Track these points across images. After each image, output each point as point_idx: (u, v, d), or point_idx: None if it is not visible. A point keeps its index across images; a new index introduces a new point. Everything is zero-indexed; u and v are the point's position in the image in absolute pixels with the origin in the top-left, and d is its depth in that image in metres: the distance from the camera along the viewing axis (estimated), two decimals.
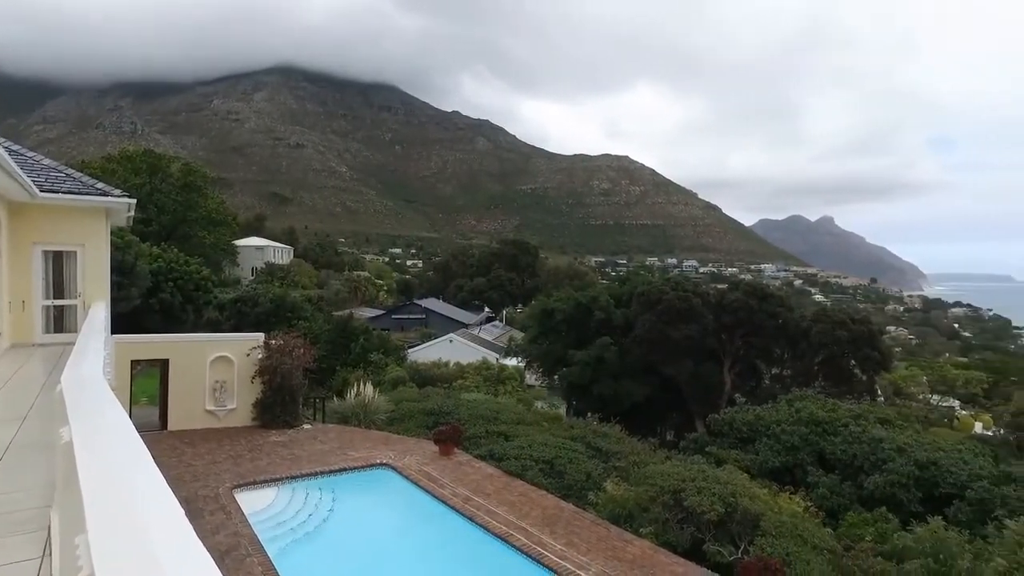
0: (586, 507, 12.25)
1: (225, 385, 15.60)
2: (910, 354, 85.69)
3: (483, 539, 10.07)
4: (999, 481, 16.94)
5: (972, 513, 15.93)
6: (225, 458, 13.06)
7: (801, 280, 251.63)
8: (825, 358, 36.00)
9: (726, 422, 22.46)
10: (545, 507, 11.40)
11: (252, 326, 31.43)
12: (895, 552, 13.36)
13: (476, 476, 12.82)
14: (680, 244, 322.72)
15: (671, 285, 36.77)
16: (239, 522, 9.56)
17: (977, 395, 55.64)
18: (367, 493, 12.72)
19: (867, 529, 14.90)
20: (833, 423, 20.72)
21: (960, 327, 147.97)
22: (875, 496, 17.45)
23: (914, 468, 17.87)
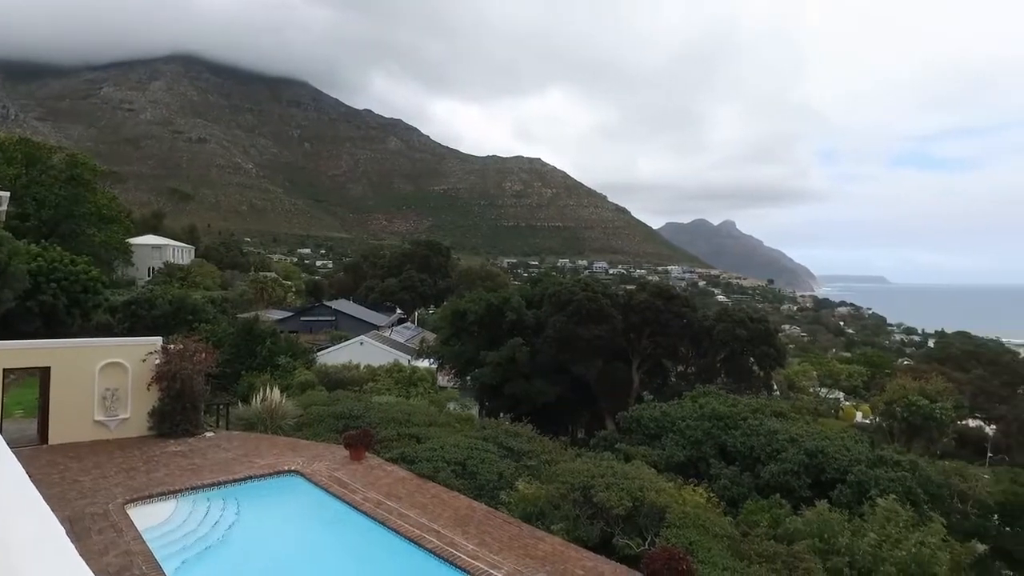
0: (498, 507, 12.33)
1: (117, 393, 14.62)
2: (802, 350, 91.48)
3: (395, 543, 9.96)
4: (874, 464, 18.39)
5: (852, 495, 17.22)
6: (116, 472, 12.24)
7: (705, 281, 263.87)
8: (727, 355, 37.88)
9: (634, 419, 23.19)
10: (457, 508, 11.40)
11: (149, 330, 29.63)
12: (787, 535, 14.26)
13: (388, 480, 12.65)
14: (590, 246, 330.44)
15: (581, 286, 37.61)
16: (132, 539, 8.98)
17: (858, 387, 60.21)
18: (274, 502, 12.28)
19: (763, 515, 15.80)
20: (734, 417, 21.81)
21: (844, 325, 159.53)
22: (771, 484, 18.52)
23: (804, 457, 19.11)
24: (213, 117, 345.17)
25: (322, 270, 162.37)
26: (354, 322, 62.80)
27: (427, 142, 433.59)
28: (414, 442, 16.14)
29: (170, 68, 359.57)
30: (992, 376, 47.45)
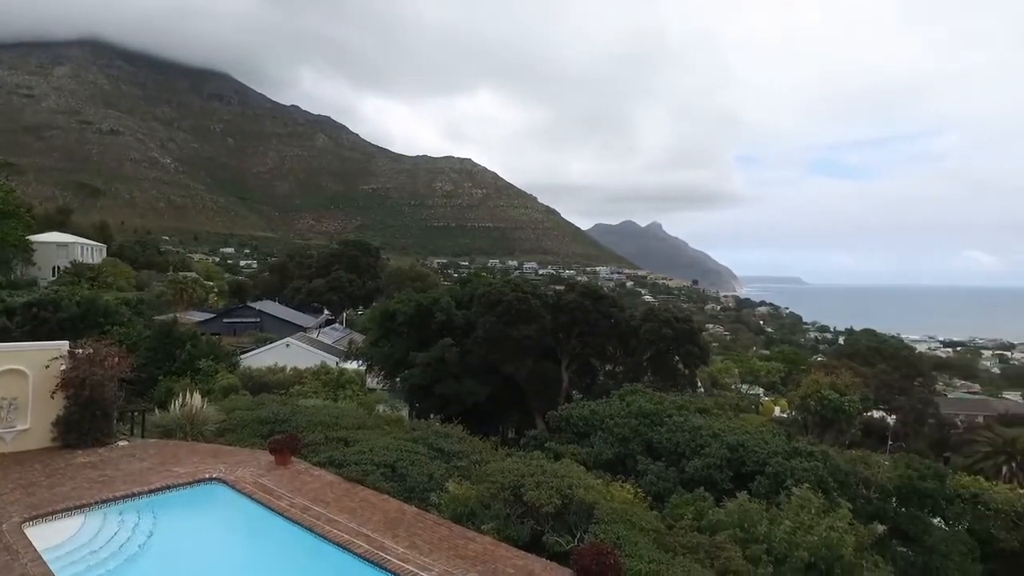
0: (429, 508, 12.27)
1: (15, 403, 13.63)
2: (725, 349, 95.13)
3: (323, 549, 9.75)
4: (790, 456, 19.34)
5: (769, 485, 18.05)
6: (13, 488, 11.39)
7: (632, 282, 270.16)
8: (653, 354, 38.91)
9: (564, 418, 23.51)
10: (387, 511, 11.27)
11: (54, 334, 27.79)
12: (710, 526, 14.82)
13: (315, 484, 12.37)
14: (521, 246, 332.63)
15: (511, 287, 37.83)
16: (30, 561, 8.36)
17: (776, 383, 63.20)
18: (194, 512, 11.79)
19: (688, 508, 16.34)
20: (660, 415, 22.44)
21: (764, 324, 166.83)
22: (695, 478, 19.17)
23: (726, 451, 19.87)
24: (127, 108, 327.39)
25: (246, 270, 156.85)
26: (280, 324, 60.99)
27: (356, 140, 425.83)
28: (342, 445, 15.83)
29: (76, 53, 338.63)
30: (893, 370, 50.74)
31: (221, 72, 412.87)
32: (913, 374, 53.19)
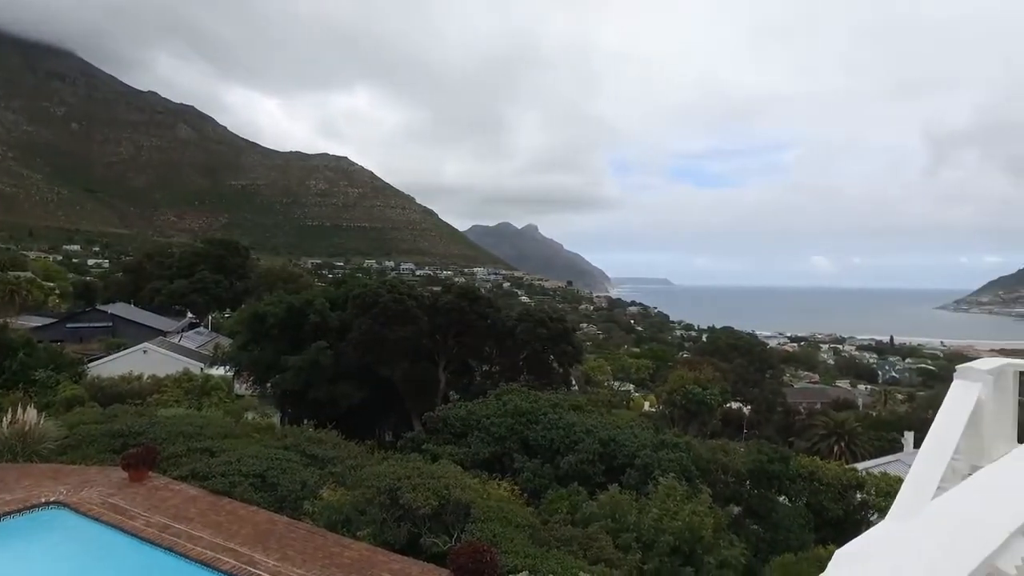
0: (302, 517, 11.80)
1: None
2: (598, 347, 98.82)
3: (185, 569, 9.10)
4: (657, 448, 20.48)
5: (639, 477, 19.01)
6: None
7: (509, 283, 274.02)
8: (529, 354, 39.68)
9: (441, 419, 23.45)
10: (257, 523, 10.71)
11: None
12: (584, 518, 15.37)
13: (176, 500, 11.52)
14: (398, 247, 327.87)
15: (387, 288, 37.22)
16: None
17: (646, 379, 66.60)
18: (30, 542, 10.59)
19: (563, 503, 16.84)
20: (535, 413, 22.94)
21: (635, 323, 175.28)
22: (569, 474, 19.78)
23: (599, 446, 20.69)
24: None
25: (95, 270, 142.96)
26: (136, 328, 56.21)
27: (224, 133, 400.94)
28: (207, 456, 14.84)
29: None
30: (748, 364, 55.06)
31: (63, 49, 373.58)
32: (765, 367, 58.00)
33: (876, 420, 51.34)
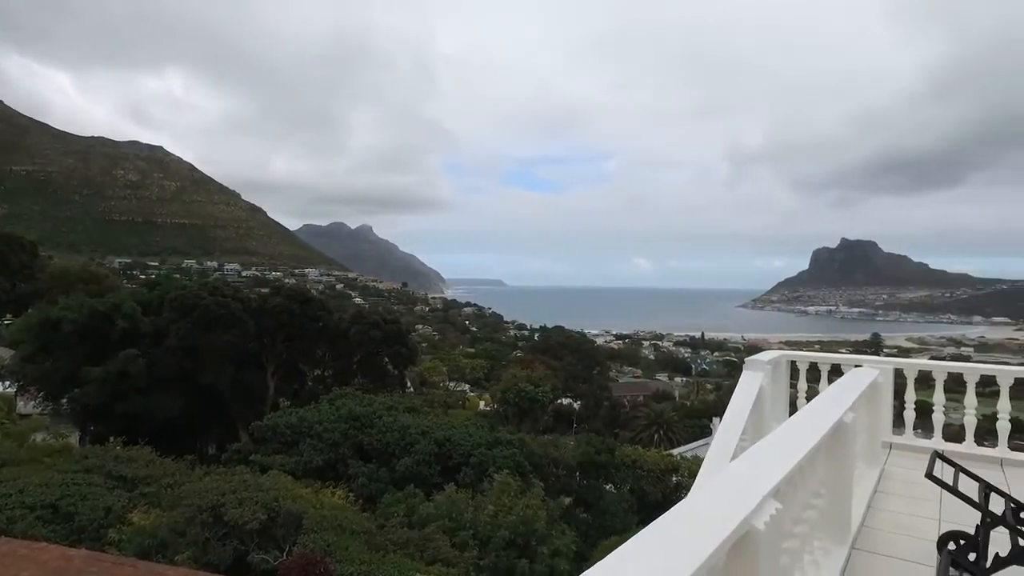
0: (106, 547, 10.66)
1: None
2: (434, 348, 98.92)
3: None
4: (492, 446, 21.05)
5: (474, 475, 19.42)
6: None
7: (343, 284, 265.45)
8: (363, 356, 38.88)
9: (270, 428, 22.31)
10: (44, 562, 9.46)
11: None
12: (421, 520, 15.40)
13: None
14: (222, 246, 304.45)
15: (209, 290, 34.66)
16: None
17: (480, 379, 67.84)
18: None
19: (399, 506, 16.73)
20: (370, 416, 22.57)
21: (470, 323, 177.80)
22: (406, 476, 19.70)
23: (435, 446, 20.81)
24: None
25: None
26: None
27: (2, 108, 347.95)
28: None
29: None
30: (578, 362, 58.15)
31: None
32: (593, 364, 61.55)
33: (690, 409, 56.62)
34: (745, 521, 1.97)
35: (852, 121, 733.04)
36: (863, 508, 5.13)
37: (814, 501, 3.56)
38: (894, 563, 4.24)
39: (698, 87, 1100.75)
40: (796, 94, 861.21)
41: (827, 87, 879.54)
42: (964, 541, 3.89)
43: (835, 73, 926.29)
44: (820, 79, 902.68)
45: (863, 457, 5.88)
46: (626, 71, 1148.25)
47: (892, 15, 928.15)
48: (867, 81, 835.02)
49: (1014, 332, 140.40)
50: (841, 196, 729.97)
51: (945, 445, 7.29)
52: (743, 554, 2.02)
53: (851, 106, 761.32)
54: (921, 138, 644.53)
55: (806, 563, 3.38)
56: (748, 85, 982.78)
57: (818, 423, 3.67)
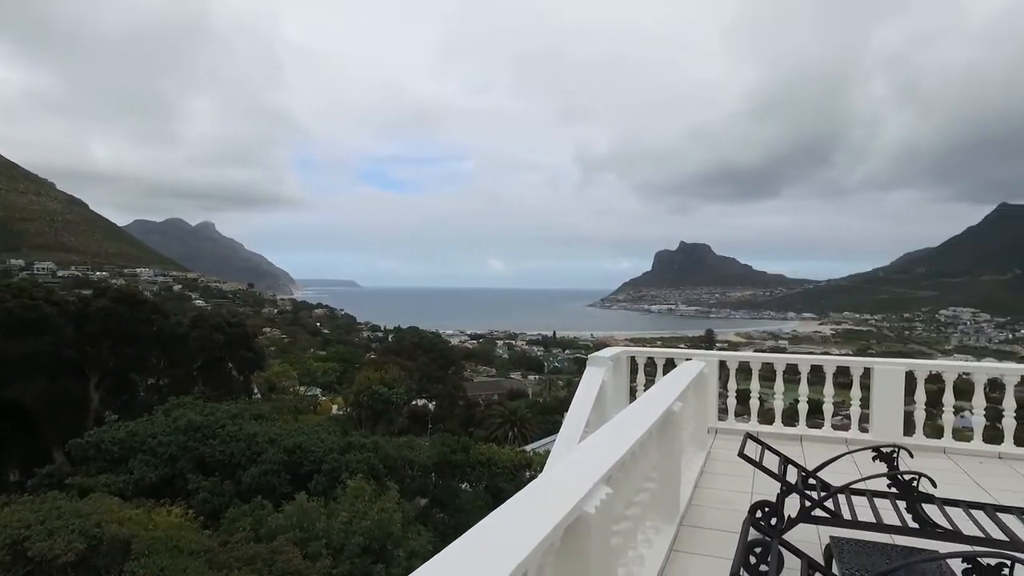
0: None
1: None
2: (283, 352, 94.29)
3: None
4: (345, 450, 20.51)
5: (327, 481, 18.82)
6: None
7: (181, 285, 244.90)
8: (204, 362, 36.29)
9: (92, 445, 20.17)
10: None
11: None
12: (269, 533, 14.65)
13: None
14: (32, 242, 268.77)
15: (13, 291, 30.67)
16: None
17: (333, 382, 65.70)
18: None
19: (245, 520, 15.81)
20: (212, 426, 21.10)
21: (321, 325, 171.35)
22: (252, 488, 18.64)
23: (284, 455, 19.88)
24: None
25: None
26: None
27: None
28: None
29: None
30: (432, 362, 58.11)
31: None
32: (448, 364, 61.76)
33: (543, 406, 58.53)
34: (577, 507, 2.13)
35: (689, 134, 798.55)
36: (691, 488, 5.64)
37: (646, 485, 3.87)
38: (715, 534, 4.71)
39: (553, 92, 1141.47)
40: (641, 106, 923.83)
41: (668, 101, 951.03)
42: (767, 508, 4.43)
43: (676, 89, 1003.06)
44: (663, 93, 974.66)
45: (692, 442, 6.46)
46: (483, 73, 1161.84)
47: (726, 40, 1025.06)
48: (703, 98, 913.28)
49: (818, 326, 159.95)
50: (680, 203, 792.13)
51: (759, 427, 8.20)
52: (576, 537, 2.18)
53: (688, 120, 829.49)
54: (746, 154, 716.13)
55: (639, 542, 3.67)
56: (599, 94, 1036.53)
57: (648, 413, 4.00)
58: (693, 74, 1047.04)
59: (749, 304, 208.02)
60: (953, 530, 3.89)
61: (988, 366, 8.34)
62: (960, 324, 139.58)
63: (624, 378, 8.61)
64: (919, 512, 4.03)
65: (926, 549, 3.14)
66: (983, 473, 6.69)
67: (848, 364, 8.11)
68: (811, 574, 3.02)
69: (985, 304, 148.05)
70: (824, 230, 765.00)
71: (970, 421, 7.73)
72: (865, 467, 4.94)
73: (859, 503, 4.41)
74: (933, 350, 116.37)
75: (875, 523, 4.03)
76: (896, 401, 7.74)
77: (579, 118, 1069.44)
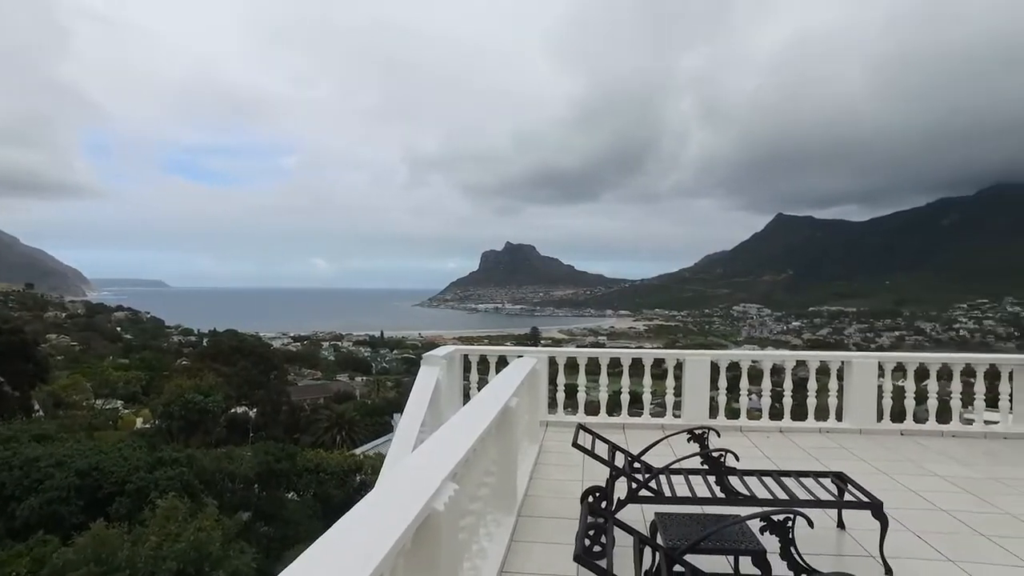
0: None
1: None
2: (74, 361, 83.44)
3: None
4: (153, 467, 18.60)
5: (131, 504, 16.94)
6: None
7: None
8: None
9: None
10: None
11: None
12: (56, 571, 12.86)
13: None
14: None
15: None
16: None
17: (138, 392, 59.33)
18: None
19: (20, 561, 13.77)
20: None
21: (122, 330, 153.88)
22: (31, 522, 16.26)
23: (75, 479, 17.58)
24: None
25: None
26: None
27: None
28: None
29: None
30: (253, 366, 54.61)
31: None
32: (270, 368, 58.36)
33: (372, 407, 57.31)
34: (427, 505, 2.12)
35: (514, 137, 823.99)
36: (527, 480, 5.85)
37: (486, 479, 3.95)
38: (551, 522, 4.93)
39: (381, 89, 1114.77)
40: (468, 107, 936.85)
41: (495, 104, 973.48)
42: (599, 493, 4.72)
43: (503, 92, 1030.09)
44: (490, 96, 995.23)
45: (526, 436, 6.70)
46: (309, 66, 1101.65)
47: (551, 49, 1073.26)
48: (528, 103, 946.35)
49: (633, 323, 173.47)
50: (506, 204, 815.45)
51: (587, 418, 8.71)
52: (427, 535, 2.16)
53: (514, 124, 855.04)
54: (569, 158, 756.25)
55: (481, 536, 3.73)
56: (427, 93, 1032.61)
57: (487, 409, 4.08)
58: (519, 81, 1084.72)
59: (571, 302, 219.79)
60: (751, 496, 4.45)
61: (773, 354, 9.58)
62: (748, 318, 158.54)
63: (458, 377, 8.71)
64: (726, 484, 4.54)
65: (732, 515, 3.54)
66: (770, 446, 7.66)
67: (664, 356, 8.89)
68: (641, 548, 3.27)
69: (766, 300, 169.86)
70: (639, 233, 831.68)
71: (758, 403, 8.82)
72: (680, 448, 5.44)
73: (677, 481, 4.85)
74: (728, 341, 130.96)
75: (691, 497, 4.47)
76: (703, 388, 8.62)
77: (406, 117, 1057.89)
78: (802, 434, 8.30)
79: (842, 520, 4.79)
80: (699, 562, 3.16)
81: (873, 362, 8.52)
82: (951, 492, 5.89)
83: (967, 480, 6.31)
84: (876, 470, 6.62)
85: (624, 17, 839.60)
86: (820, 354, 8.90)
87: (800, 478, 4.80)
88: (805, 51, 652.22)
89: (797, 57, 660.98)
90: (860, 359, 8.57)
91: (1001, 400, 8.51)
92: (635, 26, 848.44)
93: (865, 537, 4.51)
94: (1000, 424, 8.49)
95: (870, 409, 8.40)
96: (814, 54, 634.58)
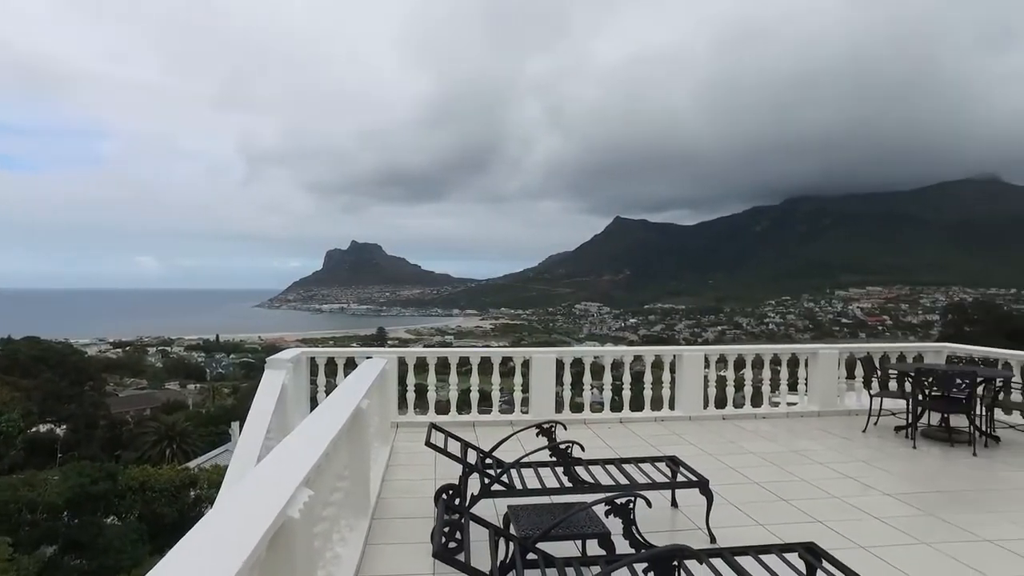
0: None
1: None
2: None
3: None
4: None
5: None
6: None
7: None
8: None
9: None
10: None
11: None
12: None
13: None
14: None
15: None
16: None
17: None
18: None
19: None
20: None
21: None
22: None
23: None
24: None
25: None
26: None
27: None
28: None
29: None
30: (61, 378, 48.61)
31: None
32: (83, 379, 52.24)
33: (207, 416, 53.09)
34: (282, 513, 2.04)
35: (361, 135, 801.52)
36: (379, 482, 5.76)
37: (339, 484, 3.85)
38: (405, 522, 4.90)
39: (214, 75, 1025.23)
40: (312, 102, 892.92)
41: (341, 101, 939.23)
42: (452, 490, 4.78)
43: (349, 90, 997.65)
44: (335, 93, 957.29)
45: (377, 438, 6.59)
46: (128, 40, 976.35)
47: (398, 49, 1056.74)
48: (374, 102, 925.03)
49: (480, 322, 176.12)
50: (351, 202, 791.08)
51: (437, 418, 8.74)
52: (281, 544, 2.08)
53: (360, 122, 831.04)
54: (416, 158, 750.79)
55: (335, 541, 3.64)
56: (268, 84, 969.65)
57: (338, 413, 3.99)
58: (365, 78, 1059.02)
59: (418, 302, 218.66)
60: (596, 483, 4.74)
61: (613, 350, 10.22)
62: (590, 316, 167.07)
63: (304, 380, 8.38)
64: (573, 474, 4.79)
65: (579, 502, 3.75)
66: (612, 436, 8.17)
67: (511, 355, 9.15)
68: (496, 540, 3.36)
69: (606, 299, 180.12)
70: (485, 233, 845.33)
71: (600, 396, 9.37)
72: (529, 443, 5.65)
73: (528, 474, 5.04)
74: (571, 339, 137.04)
75: (542, 488, 4.66)
76: (549, 384, 8.99)
77: (242, 106, 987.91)
78: (640, 423, 8.94)
79: (675, 499, 5.24)
80: (551, 548, 3.31)
81: (700, 355, 9.38)
82: (761, 466, 6.67)
83: (774, 454, 7.17)
84: (703, 452, 7.30)
85: (472, 14, 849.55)
86: (655, 349, 9.62)
87: (639, 464, 5.19)
88: (640, 68, 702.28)
89: (633, 73, 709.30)
90: (689, 352, 9.39)
91: (799, 384, 9.78)
92: (483, 28, 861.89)
93: (694, 512, 4.97)
94: (799, 404, 9.73)
95: (698, 398, 9.24)
96: (648, 71, 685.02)
